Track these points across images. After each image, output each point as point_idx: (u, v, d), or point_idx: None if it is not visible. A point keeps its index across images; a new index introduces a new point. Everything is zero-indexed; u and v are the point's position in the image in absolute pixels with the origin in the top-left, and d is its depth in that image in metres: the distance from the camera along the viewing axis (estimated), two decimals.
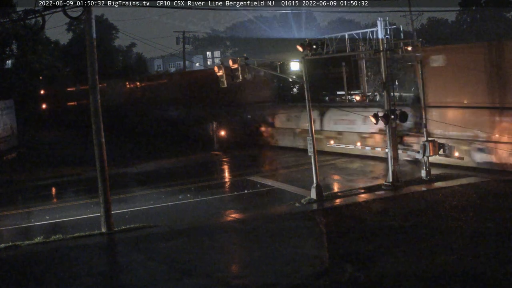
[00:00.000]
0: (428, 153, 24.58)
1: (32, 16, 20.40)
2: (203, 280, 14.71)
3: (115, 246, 18.76)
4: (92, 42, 19.72)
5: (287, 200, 23.01)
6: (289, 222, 19.70)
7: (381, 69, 24.66)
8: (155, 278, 14.94)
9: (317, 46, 23.84)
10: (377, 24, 23.87)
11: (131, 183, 29.23)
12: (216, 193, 25.43)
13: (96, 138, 19.94)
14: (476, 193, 21.64)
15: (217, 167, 33.81)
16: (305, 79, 23.07)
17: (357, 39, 25.59)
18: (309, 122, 22.98)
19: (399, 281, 13.64)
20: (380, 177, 25.86)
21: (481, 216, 18.47)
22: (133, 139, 48.60)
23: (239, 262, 16.54)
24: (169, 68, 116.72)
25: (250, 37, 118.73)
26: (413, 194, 22.33)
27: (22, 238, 19.23)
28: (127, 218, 21.23)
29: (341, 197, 22.86)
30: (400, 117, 23.71)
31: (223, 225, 20.18)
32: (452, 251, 15.36)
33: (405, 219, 18.93)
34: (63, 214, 23.13)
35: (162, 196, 25.21)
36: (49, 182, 31.19)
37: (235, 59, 22.95)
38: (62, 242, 18.67)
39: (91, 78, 19.90)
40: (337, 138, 32.23)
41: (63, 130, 63.76)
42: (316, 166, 22.58)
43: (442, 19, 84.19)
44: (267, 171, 31.10)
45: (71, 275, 15.69)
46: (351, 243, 16.81)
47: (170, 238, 18.57)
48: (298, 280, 14.14)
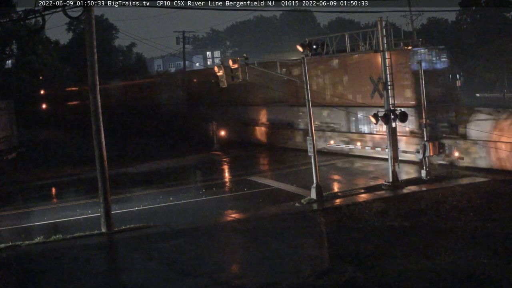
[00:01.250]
0: (428, 153, 24.58)
1: (32, 16, 20.41)
2: (203, 280, 14.70)
3: (115, 246, 18.75)
4: (92, 42, 19.73)
5: (287, 200, 23.01)
6: (289, 222, 19.69)
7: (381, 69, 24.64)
8: (155, 278, 14.94)
9: (317, 46, 23.85)
10: (377, 24, 23.87)
11: (131, 183, 29.23)
12: (216, 193, 25.42)
13: (96, 138, 19.94)
14: (476, 193, 21.64)
15: (217, 167, 33.81)
16: (305, 79, 23.08)
17: (357, 39, 25.62)
18: (309, 122, 22.98)
19: (399, 281, 13.64)
20: (379, 177, 25.87)
21: (481, 216, 18.46)
22: (133, 139, 48.61)
23: (239, 262, 16.53)
24: (169, 68, 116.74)
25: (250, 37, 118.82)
26: (413, 194, 22.33)
27: (22, 238, 19.22)
28: (127, 218, 21.22)
29: (341, 197, 22.86)
30: (400, 117, 23.72)
31: (223, 225, 20.17)
32: (452, 251, 15.36)
33: (405, 219, 18.94)
34: (63, 214, 23.13)
35: (162, 196, 25.21)
36: (49, 182, 31.21)
37: (235, 59, 22.96)
38: (62, 242, 18.68)
39: (91, 78, 19.90)
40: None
41: (63, 130, 63.76)
42: (316, 166, 22.58)
43: (442, 19, 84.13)
44: (267, 170, 31.10)
45: (71, 275, 15.69)
46: (351, 243, 16.80)
47: (170, 238, 18.57)
48: (298, 280, 14.14)
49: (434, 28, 73.93)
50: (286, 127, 37.15)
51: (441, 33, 69.28)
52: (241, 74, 22.85)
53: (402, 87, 27.32)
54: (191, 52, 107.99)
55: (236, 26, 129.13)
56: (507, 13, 63.90)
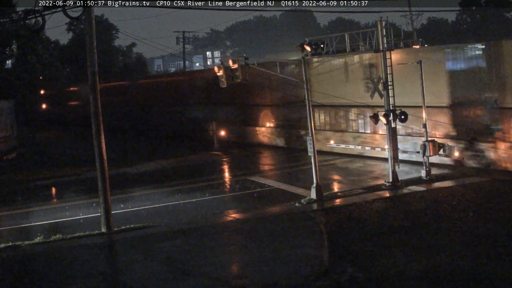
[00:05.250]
0: (428, 153, 24.58)
1: (32, 16, 20.40)
2: (203, 280, 14.70)
3: (115, 246, 18.75)
4: (92, 42, 19.73)
5: (287, 200, 23.01)
6: (289, 222, 19.69)
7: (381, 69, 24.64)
8: (155, 278, 14.94)
9: (317, 46, 23.85)
10: (377, 24, 23.87)
11: (131, 183, 29.23)
12: (216, 193, 25.43)
13: (96, 138, 19.94)
14: (476, 193, 21.65)
15: (217, 166, 33.81)
16: (305, 79, 23.08)
17: (357, 39, 25.59)
18: (309, 122, 22.98)
19: (399, 281, 13.64)
20: (379, 177, 25.87)
21: (481, 216, 18.47)
22: (133, 139, 48.62)
23: (239, 262, 16.53)
24: (169, 68, 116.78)
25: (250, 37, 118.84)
26: (413, 194, 22.33)
27: (22, 238, 19.23)
28: (127, 218, 21.23)
29: (341, 197, 22.86)
30: (400, 117, 23.71)
31: (223, 225, 20.17)
32: (452, 251, 15.36)
33: (405, 219, 18.94)
34: (63, 214, 23.14)
35: (162, 196, 25.22)
36: (49, 182, 31.22)
37: (235, 59, 22.96)
38: (62, 242, 18.68)
39: (91, 78, 19.90)
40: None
41: (63, 130, 63.76)
42: (316, 166, 22.59)
43: (442, 19, 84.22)
44: (267, 170, 31.11)
45: (71, 275, 15.69)
46: (351, 243, 16.81)
47: (170, 238, 18.58)
48: (298, 280, 14.14)
49: (434, 28, 73.98)
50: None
51: (441, 33, 69.33)
52: (241, 74, 22.85)
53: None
54: (191, 52, 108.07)
55: (236, 26, 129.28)
56: (507, 13, 63.96)
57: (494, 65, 25.26)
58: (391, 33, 25.02)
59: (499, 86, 25.15)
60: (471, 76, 26.31)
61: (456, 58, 27.09)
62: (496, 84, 25.25)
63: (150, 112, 53.60)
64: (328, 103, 31.12)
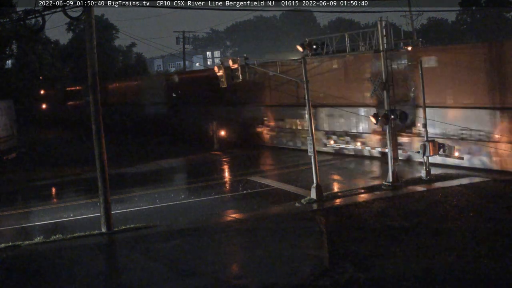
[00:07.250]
0: (428, 153, 24.57)
1: (32, 16, 20.41)
2: (203, 280, 14.70)
3: (115, 246, 18.75)
4: (92, 42, 19.73)
5: (287, 200, 23.01)
6: (289, 222, 19.69)
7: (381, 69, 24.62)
8: (155, 278, 14.94)
9: (317, 46, 23.83)
10: (377, 24, 23.86)
11: (131, 183, 29.22)
12: (216, 193, 25.43)
13: (96, 138, 19.94)
14: (476, 193, 21.65)
15: (217, 166, 33.82)
16: (305, 79, 23.07)
17: (357, 39, 25.57)
18: (309, 122, 22.98)
19: (399, 281, 13.64)
20: (379, 177, 25.88)
21: (481, 216, 18.47)
22: (133, 139, 48.60)
23: (239, 262, 16.53)
24: (169, 68, 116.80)
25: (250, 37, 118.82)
26: (413, 194, 22.33)
27: (22, 238, 19.23)
28: (127, 218, 21.22)
29: (341, 197, 22.86)
30: (400, 117, 23.72)
31: (223, 225, 20.17)
32: (452, 251, 15.36)
33: (405, 219, 18.94)
34: (63, 214, 23.13)
35: (162, 196, 25.21)
36: (49, 182, 31.21)
37: (235, 59, 22.94)
38: (62, 242, 18.67)
39: (91, 78, 19.90)
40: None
41: (63, 130, 63.74)
42: (316, 166, 22.59)
43: (442, 19, 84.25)
44: (267, 170, 31.11)
45: (71, 275, 15.69)
46: (351, 243, 16.81)
47: (170, 238, 18.57)
48: (298, 280, 14.14)
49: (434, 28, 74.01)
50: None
51: (441, 33, 69.36)
52: (241, 74, 22.84)
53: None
54: (191, 52, 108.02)
55: (236, 26, 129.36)
56: (507, 13, 63.97)
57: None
58: (391, 33, 25.00)
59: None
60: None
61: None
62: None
63: (150, 112, 53.56)
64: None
